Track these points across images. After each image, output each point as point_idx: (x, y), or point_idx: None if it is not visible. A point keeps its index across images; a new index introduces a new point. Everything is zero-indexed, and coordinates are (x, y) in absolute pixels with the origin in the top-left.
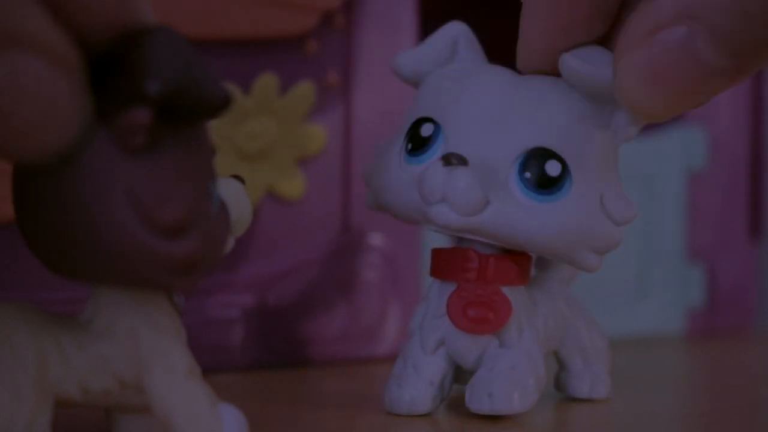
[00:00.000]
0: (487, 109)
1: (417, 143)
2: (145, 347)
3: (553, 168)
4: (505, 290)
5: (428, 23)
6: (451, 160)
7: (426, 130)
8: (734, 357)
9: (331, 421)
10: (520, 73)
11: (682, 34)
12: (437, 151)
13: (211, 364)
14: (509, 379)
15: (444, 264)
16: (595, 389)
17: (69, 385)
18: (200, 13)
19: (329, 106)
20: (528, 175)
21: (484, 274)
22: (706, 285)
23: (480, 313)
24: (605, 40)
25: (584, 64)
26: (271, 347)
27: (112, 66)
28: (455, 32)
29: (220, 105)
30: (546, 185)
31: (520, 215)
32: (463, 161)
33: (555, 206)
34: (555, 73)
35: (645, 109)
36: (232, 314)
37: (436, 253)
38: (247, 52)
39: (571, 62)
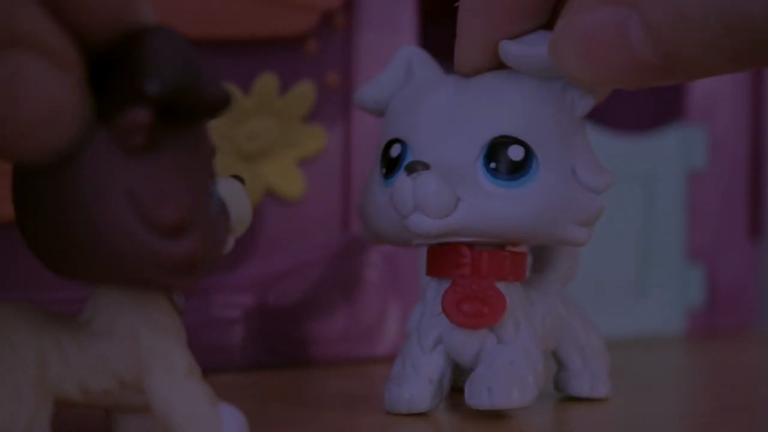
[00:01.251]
0: (442, 114)
1: (389, 165)
2: (145, 347)
3: (516, 153)
4: (501, 286)
5: (428, 23)
6: (414, 167)
7: (395, 150)
8: (734, 357)
9: (331, 421)
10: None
11: (620, 18)
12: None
13: (211, 364)
14: (508, 374)
15: (438, 261)
16: (594, 389)
17: (69, 385)
18: (200, 13)
19: (329, 106)
20: (493, 165)
21: (478, 269)
22: (706, 285)
23: (474, 308)
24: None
25: (522, 46)
26: (271, 347)
27: (112, 66)
28: (408, 55)
29: (219, 105)
30: (512, 171)
31: (492, 205)
32: (425, 166)
33: (526, 189)
34: (493, 70)
35: (577, 76)
36: (232, 314)
37: (431, 251)
38: (247, 52)
39: (510, 48)
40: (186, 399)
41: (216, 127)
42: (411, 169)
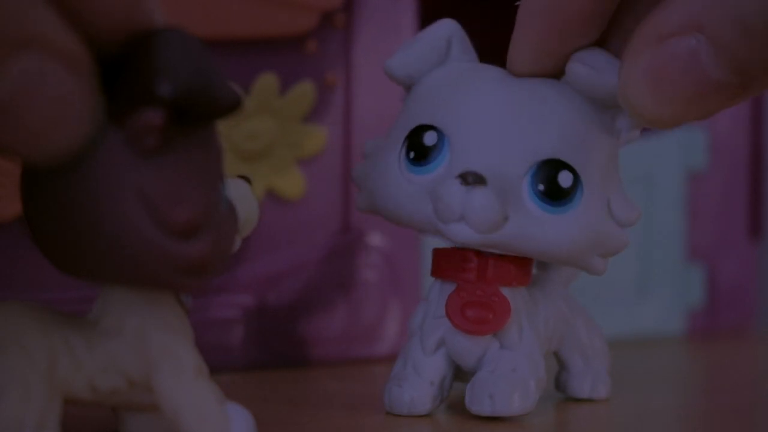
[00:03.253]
0: (493, 117)
1: (420, 152)
2: (154, 346)
3: (565, 179)
4: (506, 291)
5: (428, 23)
6: (468, 178)
7: (429, 138)
8: (734, 357)
9: (331, 421)
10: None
11: (689, 45)
12: (443, 161)
13: (211, 364)
14: (510, 381)
15: (444, 264)
16: (595, 389)
17: (78, 384)
18: (200, 13)
19: (329, 106)
20: (541, 187)
21: (484, 274)
22: (706, 285)
23: (478, 314)
24: (601, 43)
25: (590, 70)
26: (271, 347)
27: (124, 67)
28: (448, 31)
29: (231, 106)
30: (559, 196)
31: (536, 228)
32: (481, 180)
33: (568, 216)
34: (546, 76)
35: (647, 115)
36: (232, 314)
37: (437, 253)
38: (247, 52)
39: (577, 69)
40: (194, 398)
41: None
42: (466, 180)
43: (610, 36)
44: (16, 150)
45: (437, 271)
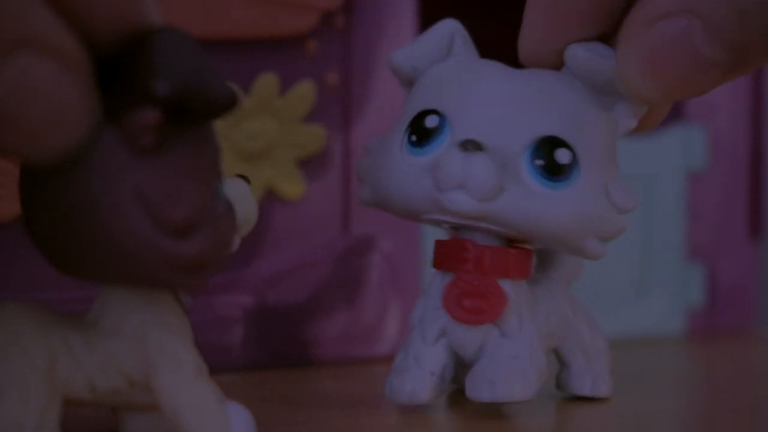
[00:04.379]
0: (495, 99)
1: (421, 135)
2: (154, 346)
3: (563, 156)
4: (506, 284)
5: (428, 23)
6: (468, 146)
7: (431, 121)
8: (734, 357)
9: (331, 421)
10: (519, 67)
11: (681, 26)
12: (444, 141)
13: (211, 364)
14: (510, 367)
15: (443, 255)
16: (596, 388)
17: (78, 384)
18: (200, 13)
19: (329, 106)
20: (539, 162)
21: (481, 265)
22: (706, 285)
23: (474, 304)
24: (609, 39)
25: (590, 53)
26: (271, 347)
27: (120, 67)
28: (451, 29)
29: (227, 105)
30: (557, 172)
31: (532, 202)
32: (480, 147)
33: (565, 193)
34: (554, 68)
35: (643, 95)
36: (232, 314)
37: (438, 244)
38: (247, 52)
39: (578, 51)
40: (194, 398)
41: (216, 127)
42: (465, 147)
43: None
44: (13, 150)
45: (438, 263)
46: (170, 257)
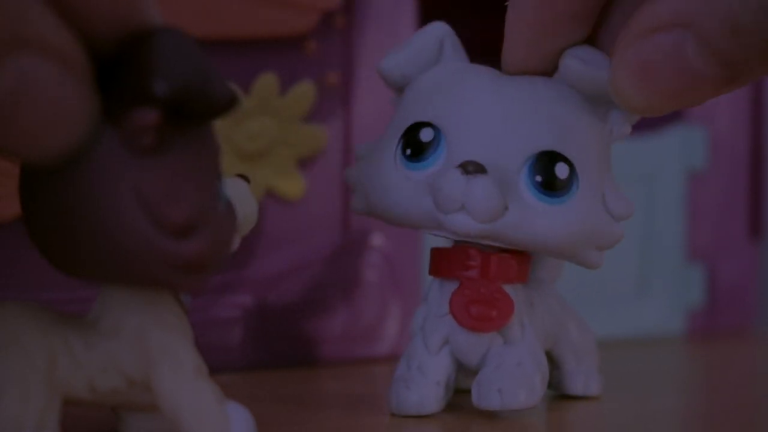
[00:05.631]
0: (489, 111)
1: (416, 149)
2: (154, 346)
3: (562, 170)
4: (507, 288)
5: (428, 23)
6: (468, 168)
7: (425, 135)
8: (734, 357)
9: (332, 421)
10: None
11: (674, 39)
12: (440, 157)
13: (211, 364)
14: (516, 375)
15: (445, 262)
16: (587, 387)
17: (77, 384)
18: (200, 13)
19: (329, 106)
20: (539, 178)
21: (487, 271)
22: (706, 285)
23: (483, 311)
24: (590, 41)
25: (583, 64)
26: (271, 347)
27: (119, 67)
28: (441, 33)
29: (227, 105)
30: (556, 188)
31: (533, 219)
32: (481, 169)
33: (565, 207)
34: (538, 73)
35: (635, 106)
36: (232, 314)
37: (436, 252)
38: (247, 52)
39: (571, 63)
40: (194, 398)
41: (216, 127)
42: (466, 169)
43: (599, 34)
44: (13, 150)
45: (438, 270)
46: (170, 257)
